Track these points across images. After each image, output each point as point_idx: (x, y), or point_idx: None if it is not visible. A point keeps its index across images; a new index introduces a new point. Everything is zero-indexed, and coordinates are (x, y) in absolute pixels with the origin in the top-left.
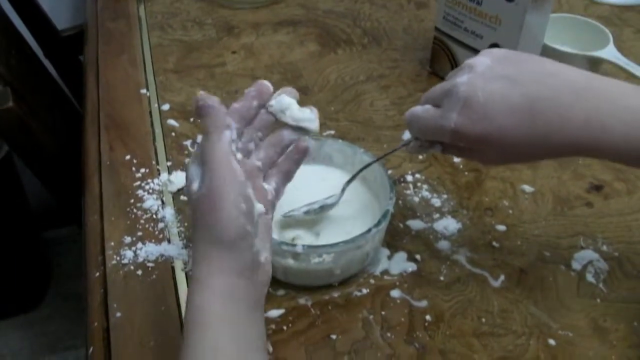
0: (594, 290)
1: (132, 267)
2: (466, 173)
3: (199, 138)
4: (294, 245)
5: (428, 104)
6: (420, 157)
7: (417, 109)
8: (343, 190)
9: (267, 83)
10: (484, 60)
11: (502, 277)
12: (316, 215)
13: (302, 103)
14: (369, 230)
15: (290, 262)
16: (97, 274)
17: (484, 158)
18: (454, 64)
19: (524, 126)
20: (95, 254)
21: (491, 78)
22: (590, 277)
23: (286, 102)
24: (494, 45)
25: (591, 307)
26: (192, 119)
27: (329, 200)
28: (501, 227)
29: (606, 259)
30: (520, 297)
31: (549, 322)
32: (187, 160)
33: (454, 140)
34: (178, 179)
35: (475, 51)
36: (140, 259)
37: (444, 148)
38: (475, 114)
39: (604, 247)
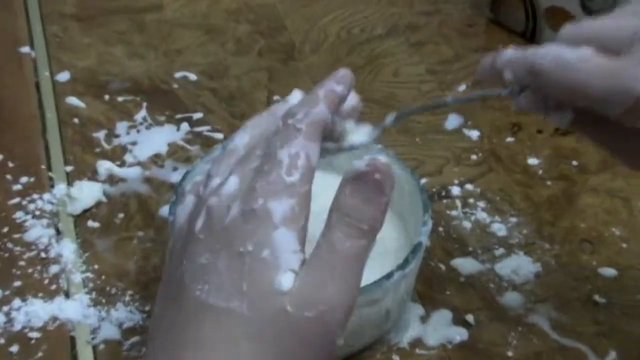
0: None
1: (1, 341)
2: (549, 182)
3: (120, 127)
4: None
5: (583, 45)
6: (474, 156)
7: (562, 51)
8: (382, 123)
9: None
10: None
11: (612, 355)
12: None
13: (287, 66)
14: (390, 275)
15: None
16: None
17: None
18: (530, 6)
19: None
20: None
21: None
22: None
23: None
24: None
25: None
26: (107, 96)
27: (352, 142)
28: (608, 271)
29: None
30: None
31: None
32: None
33: (634, 112)
34: (84, 193)
35: None
36: (18, 326)
37: (582, 119)
38: None
39: None
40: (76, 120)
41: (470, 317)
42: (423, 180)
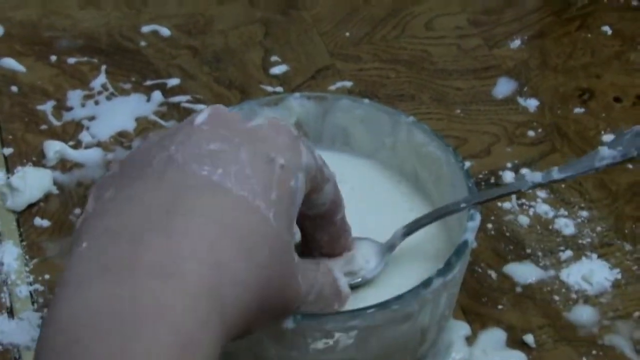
0: None
1: None
2: (630, 165)
3: (72, 96)
4: (284, 318)
5: None
6: (532, 132)
7: None
8: (390, 246)
9: None
10: None
11: None
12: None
13: (288, 18)
14: (428, 282)
15: (268, 347)
16: None
17: None
18: None
19: None
20: None
21: None
22: None
23: None
24: None
25: None
26: (54, 57)
27: (362, 272)
28: None
29: None
30: None
31: None
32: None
33: None
34: (29, 183)
35: None
36: None
37: None
38: None
39: None
40: (14, 88)
41: (529, 338)
42: (468, 163)
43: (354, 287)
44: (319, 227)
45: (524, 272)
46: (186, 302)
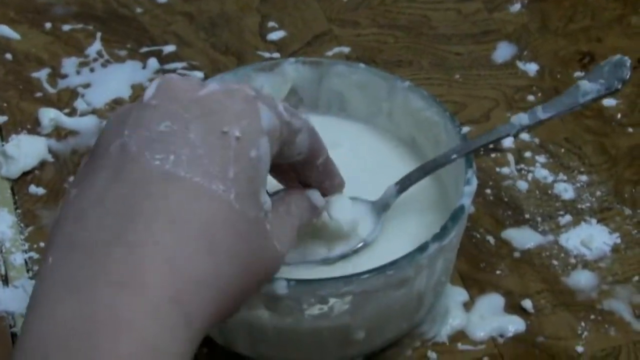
0: None
1: None
2: (630, 129)
3: (67, 64)
4: (271, 281)
5: None
6: (532, 97)
7: None
8: (384, 205)
9: None
10: None
11: None
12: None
13: None
14: (423, 247)
15: (263, 315)
16: None
17: None
18: None
19: None
20: None
21: None
22: None
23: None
24: None
25: None
26: (49, 24)
27: (363, 238)
28: None
29: None
30: None
31: None
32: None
33: None
34: (23, 150)
35: None
36: None
37: None
38: None
39: None
40: (9, 55)
41: (527, 303)
42: (466, 128)
43: (355, 252)
44: (300, 174)
45: (523, 237)
46: (147, 313)
